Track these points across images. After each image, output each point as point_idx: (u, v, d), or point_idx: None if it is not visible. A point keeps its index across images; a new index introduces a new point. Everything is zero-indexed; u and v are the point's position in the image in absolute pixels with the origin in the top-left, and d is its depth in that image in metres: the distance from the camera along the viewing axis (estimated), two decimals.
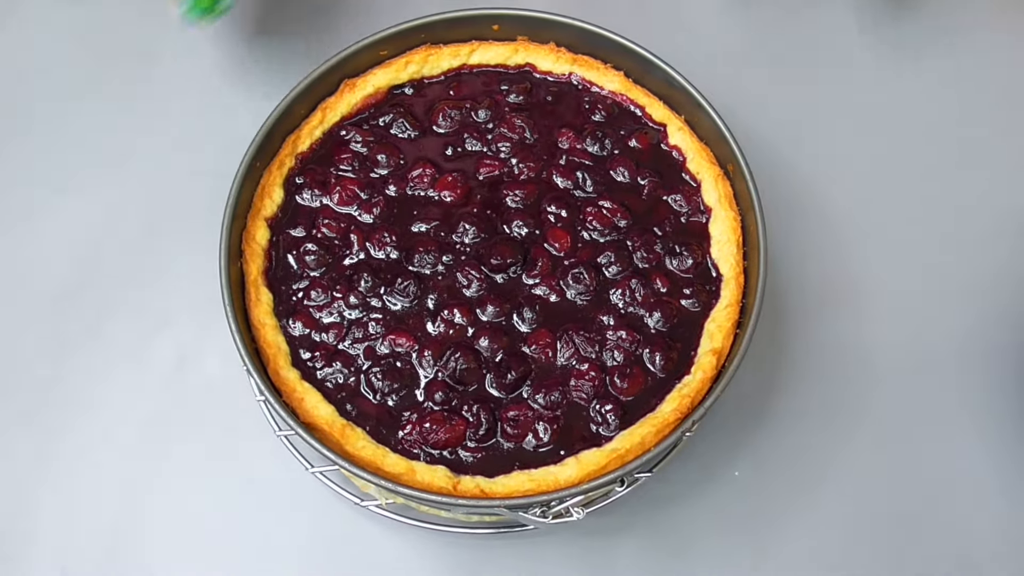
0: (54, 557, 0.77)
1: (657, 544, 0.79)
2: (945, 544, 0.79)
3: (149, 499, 0.80)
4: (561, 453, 0.70)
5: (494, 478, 0.69)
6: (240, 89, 0.97)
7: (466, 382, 0.72)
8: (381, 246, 0.77)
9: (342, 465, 0.66)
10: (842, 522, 0.80)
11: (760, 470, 0.81)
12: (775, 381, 0.85)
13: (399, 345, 0.73)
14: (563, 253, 0.77)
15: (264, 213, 0.78)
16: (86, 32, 1.01)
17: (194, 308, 0.85)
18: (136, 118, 0.96)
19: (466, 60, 0.86)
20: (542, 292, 0.75)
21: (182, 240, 0.89)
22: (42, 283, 0.88)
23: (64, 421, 0.82)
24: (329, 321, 0.75)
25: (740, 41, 1.02)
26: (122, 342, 0.85)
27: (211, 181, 0.81)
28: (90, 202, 0.91)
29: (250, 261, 0.76)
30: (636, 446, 0.69)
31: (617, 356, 0.73)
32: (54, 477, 0.80)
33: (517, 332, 0.74)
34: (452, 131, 0.82)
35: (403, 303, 0.75)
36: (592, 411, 0.71)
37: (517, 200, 0.79)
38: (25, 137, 0.95)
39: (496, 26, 0.85)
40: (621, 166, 0.81)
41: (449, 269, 0.76)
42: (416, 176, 0.80)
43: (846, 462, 0.82)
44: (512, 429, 0.71)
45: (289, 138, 0.81)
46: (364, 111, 0.83)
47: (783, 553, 0.79)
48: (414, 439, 0.70)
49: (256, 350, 0.73)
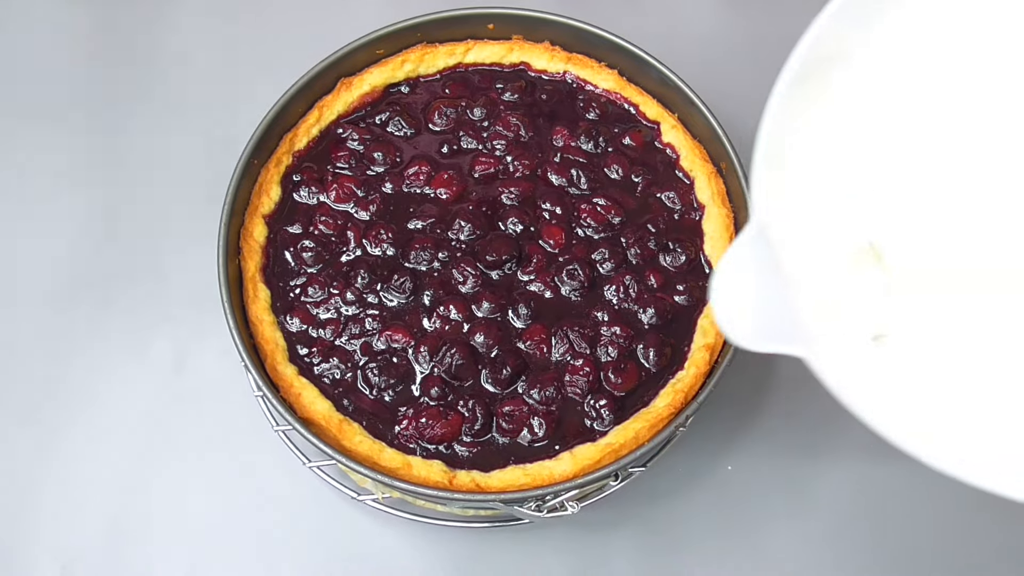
0: (54, 555, 0.78)
1: (651, 537, 0.79)
2: (943, 541, 0.80)
3: (148, 495, 0.80)
4: (556, 448, 0.71)
5: (489, 472, 0.70)
6: (238, 87, 0.97)
7: (462, 377, 0.72)
8: (378, 243, 0.77)
9: (339, 460, 0.67)
10: (835, 516, 0.81)
11: (753, 464, 0.82)
12: (768, 376, 0.86)
13: (395, 341, 0.74)
14: (557, 250, 0.78)
15: (262, 210, 0.78)
16: (86, 32, 1.01)
17: (192, 305, 0.86)
18: (135, 118, 0.96)
19: (462, 59, 0.86)
20: (537, 288, 0.76)
21: (180, 238, 0.90)
22: (41, 281, 0.88)
23: (63, 419, 0.83)
24: (326, 317, 0.75)
25: (733, 39, 1.03)
26: (121, 339, 0.86)
27: (209, 179, 0.81)
28: (89, 200, 0.92)
29: (248, 258, 0.76)
30: (630, 441, 0.70)
31: (611, 352, 0.74)
32: (53, 475, 0.81)
33: (512, 328, 0.75)
34: (448, 129, 0.83)
35: (399, 299, 0.76)
36: (586, 406, 0.72)
37: (512, 197, 0.80)
38: (25, 137, 0.95)
39: (491, 25, 0.86)
40: (615, 164, 0.81)
41: (445, 265, 0.77)
42: (412, 174, 0.80)
43: (839, 456, 0.82)
44: (507, 424, 0.71)
45: (286, 136, 0.81)
46: (361, 109, 0.84)
47: (776, 546, 0.79)
48: (410, 434, 0.71)
49: (254, 346, 0.73)
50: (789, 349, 0.49)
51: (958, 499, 0.81)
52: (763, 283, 0.52)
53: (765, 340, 0.50)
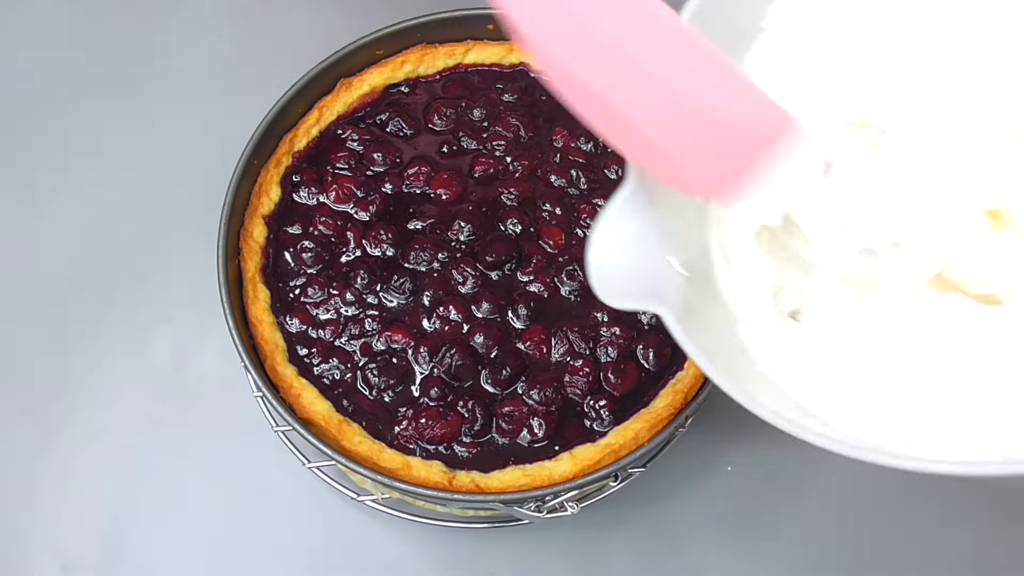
0: (54, 555, 0.78)
1: (650, 538, 0.79)
2: (943, 541, 0.80)
3: (148, 495, 0.80)
4: (555, 448, 0.71)
5: (489, 473, 0.70)
6: (238, 88, 0.97)
7: (461, 378, 0.72)
8: (377, 243, 0.77)
9: (339, 460, 0.67)
10: (835, 516, 0.81)
11: (753, 465, 0.82)
12: None
13: (395, 341, 0.74)
14: (557, 250, 0.78)
15: (262, 211, 0.78)
16: (86, 32, 1.01)
17: (192, 305, 0.86)
18: (135, 118, 0.96)
19: (461, 59, 0.86)
20: (536, 289, 0.76)
21: (180, 238, 0.90)
22: (41, 281, 0.88)
23: (62, 418, 0.83)
24: (326, 318, 0.75)
25: None
26: (120, 340, 0.86)
27: (209, 179, 0.81)
28: (89, 200, 0.92)
29: (248, 258, 0.76)
30: (630, 441, 0.70)
31: (611, 352, 0.74)
32: (53, 474, 0.81)
33: (512, 328, 0.75)
34: (447, 129, 0.83)
35: (399, 300, 0.76)
36: (586, 406, 0.72)
37: (512, 198, 0.80)
38: (25, 137, 0.95)
39: (491, 26, 0.86)
40: (615, 164, 0.81)
41: (444, 266, 0.77)
42: (412, 174, 0.80)
43: (839, 456, 0.82)
44: (507, 424, 0.71)
45: (286, 137, 0.81)
46: (361, 110, 0.84)
47: (775, 547, 0.79)
48: (410, 434, 0.71)
49: (253, 346, 0.73)
50: (647, 306, 0.53)
51: (959, 499, 0.81)
52: (634, 239, 0.53)
53: (627, 298, 0.53)
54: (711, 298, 0.57)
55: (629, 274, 0.54)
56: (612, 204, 0.53)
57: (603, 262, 0.53)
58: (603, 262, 0.53)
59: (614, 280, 0.53)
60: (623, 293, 0.53)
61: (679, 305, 0.53)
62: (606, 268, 0.53)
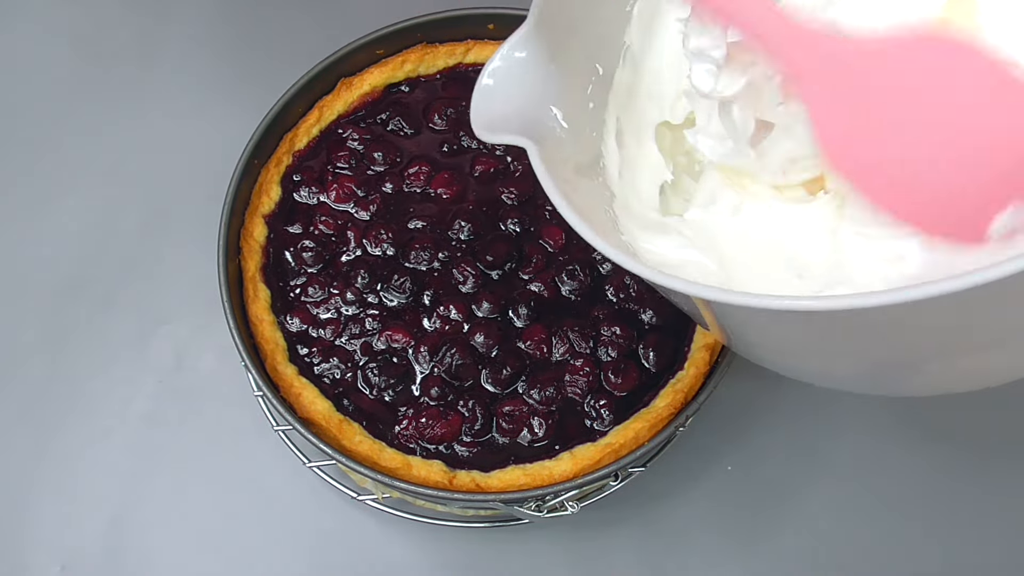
0: (54, 555, 0.78)
1: (650, 537, 0.79)
2: (943, 541, 0.80)
3: (147, 495, 0.80)
4: (556, 448, 0.71)
5: (489, 472, 0.70)
6: (238, 88, 0.98)
7: (462, 377, 0.72)
8: (378, 243, 0.77)
9: (339, 460, 0.67)
10: (836, 516, 0.81)
11: (753, 464, 0.82)
12: (768, 375, 0.85)
13: (395, 341, 0.74)
14: (557, 250, 0.78)
15: (262, 210, 0.78)
16: (86, 32, 1.01)
17: (192, 304, 0.86)
18: (135, 117, 0.96)
19: (462, 59, 0.86)
20: (537, 288, 0.76)
21: (180, 237, 0.90)
22: (41, 280, 0.88)
23: (62, 418, 0.83)
24: (326, 317, 0.75)
25: None
26: (120, 339, 0.86)
27: (209, 179, 0.81)
28: (89, 200, 0.92)
29: (248, 258, 0.76)
30: (630, 441, 0.70)
31: (611, 352, 0.74)
32: (53, 474, 0.81)
33: (512, 328, 0.75)
34: (448, 129, 0.83)
35: (399, 299, 0.76)
36: (586, 406, 0.72)
37: (512, 197, 0.80)
38: (25, 136, 0.95)
39: (491, 25, 0.86)
40: None
41: (445, 265, 0.77)
42: (412, 173, 0.80)
43: (839, 456, 0.83)
44: (507, 424, 0.71)
45: (287, 136, 0.81)
46: (361, 109, 0.84)
47: (776, 547, 0.79)
48: (410, 434, 0.71)
49: (254, 346, 0.73)
50: (517, 140, 0.53)
51: (959, 500, 0.81)
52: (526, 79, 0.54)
53: (501, 133, 0.53)
54: (591, 166, 0.57)
55: (511, 109, 0.54)
56: (513, 37, 0.54)
57: (487, 92, 0.53)
58: (487, 92, 0.53)
59: (492, 111, 0.53)
60: (498, 125, 0.53)
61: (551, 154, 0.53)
62: (488, 96, 0.53)
